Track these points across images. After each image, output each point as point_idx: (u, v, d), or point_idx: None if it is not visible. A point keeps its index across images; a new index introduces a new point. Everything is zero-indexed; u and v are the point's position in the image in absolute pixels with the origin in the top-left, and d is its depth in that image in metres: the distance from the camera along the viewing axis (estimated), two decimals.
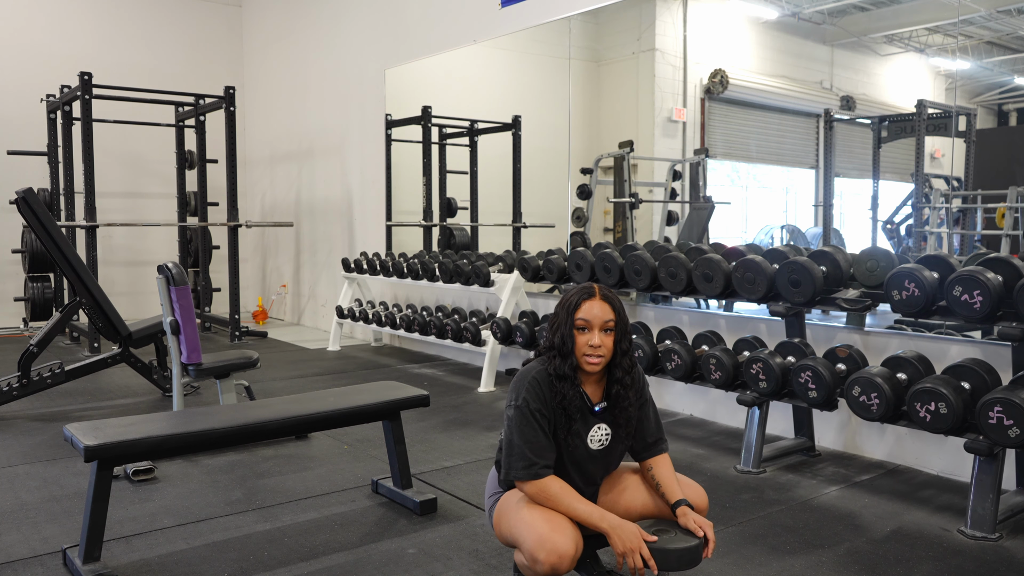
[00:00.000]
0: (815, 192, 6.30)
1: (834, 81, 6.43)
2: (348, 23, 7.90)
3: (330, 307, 7.80)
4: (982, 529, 2.87)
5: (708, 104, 6.52)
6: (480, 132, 7.33)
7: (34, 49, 8.36)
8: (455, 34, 6.60)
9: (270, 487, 3.40)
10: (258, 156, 9.70)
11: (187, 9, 9.42)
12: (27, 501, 3.21)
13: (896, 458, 3.75)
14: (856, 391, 3.20)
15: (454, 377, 5.84)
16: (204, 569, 2.60)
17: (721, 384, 3.80)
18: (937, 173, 5.46)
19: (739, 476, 3.55)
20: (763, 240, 6.48)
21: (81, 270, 4.70)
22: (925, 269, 3.10)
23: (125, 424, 2.73)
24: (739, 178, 7.24)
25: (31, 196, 4.51)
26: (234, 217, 7.58)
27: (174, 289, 3.74)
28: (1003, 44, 5.48)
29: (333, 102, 8.21)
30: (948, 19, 5.46)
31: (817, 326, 4.07)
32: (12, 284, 8.11)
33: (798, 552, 2.75)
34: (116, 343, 4.88)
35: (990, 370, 3.08)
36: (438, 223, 7.30)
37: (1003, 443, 2.82)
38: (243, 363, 4.08)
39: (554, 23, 5.75)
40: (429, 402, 3.24)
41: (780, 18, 6.69)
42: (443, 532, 2.91)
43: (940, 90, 5.85)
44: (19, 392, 4.55)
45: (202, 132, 7.84)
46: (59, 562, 2.63)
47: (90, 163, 6.75)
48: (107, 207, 7.93)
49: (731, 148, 6.97)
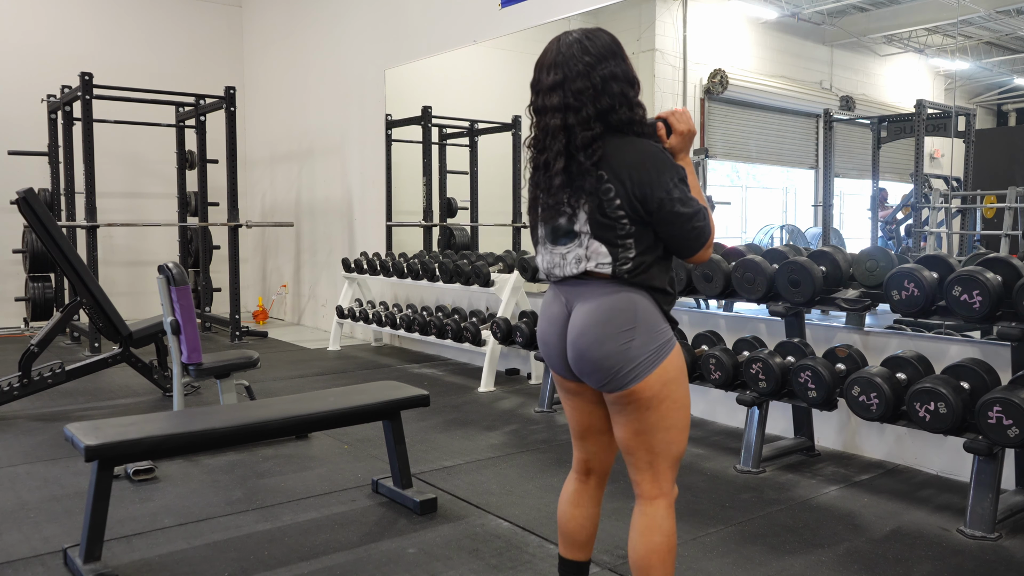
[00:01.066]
0: (815, 192, 6.30)
1: (834, 81, 6.44)
2: (348, 23, 7.90)
3: (330, 307, 7.81)
4: (981, 529, 2.88)
5: (708, 104, 6.52)
6: (480, 132, 7.34)
7: (35, 49, 8.36)
8: (455, 34, 6.60)
9: (270, 487, 3.40)
10: (258, 156, 9.70)
11: (187, 9, 9.42)
12: (28, 501, 3.22)
13: (896, 458, 3.75)
14: (856, 391, 3.20)
15: (454, 377, 5.85)
16: (204, 569, 2.60)
17: (721, 384, 3.80)
18: (937, 173, 5.47)
19: (739, 476, 3.55)
20: (763, 240, 6.49)
21: (82, 270, 4.70)
22: (924, 269, 3.10)
23: (125, 424, 2.73)
24: (739, 178, 7.24)
25: (32, 196, 4.51)
26: (234, 217, 7.58)
27: (174, 289, 3.74)
28: (1002, 44, 5.49)
29: (333, 102, 8.21)
30: (947, 19, 5.47)
31: (817, 326, 4.07)
32: (13, 284, 8.11)
33: (798, 552, 2.75)
34: (117, 343, 4.89)
35: (989, 370, 3.09)
36: (438, 223, 7.31)
37: (1002, 443, 2.82)
38: (243, 363, 4.08)
39: (554, 23, 5.75)
40: (429, 402, 3.25)
41: (780, 18, 6.70)
42: (443, 532, 2.91)
43: (939, 90, 5.86)
44: (20, 392, 4.56)
45: (202, 132, 7.85)
46: (60, 562, 2.64)
47: (91, 163, 6.75)
48: (107, 207, 7.93)
49: (731, 148, 6.97)
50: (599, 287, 1.81)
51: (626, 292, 1.80)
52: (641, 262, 1.78)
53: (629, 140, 1.79)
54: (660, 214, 1.75)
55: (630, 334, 1.77)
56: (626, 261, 1.77)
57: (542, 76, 1.82)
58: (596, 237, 1.78)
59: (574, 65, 1.76)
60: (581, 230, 1.80)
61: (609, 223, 1.77)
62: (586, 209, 1.78)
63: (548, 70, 1.80)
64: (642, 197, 1.74)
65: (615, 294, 1.80)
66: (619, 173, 1.75)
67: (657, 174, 1.75)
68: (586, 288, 1.83)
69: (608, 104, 1.77)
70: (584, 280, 1.84)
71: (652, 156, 1.77)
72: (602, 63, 1.77)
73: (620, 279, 1.79)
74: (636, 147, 1.78)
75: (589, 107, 1.75)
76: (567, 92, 1.76)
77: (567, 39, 1.81)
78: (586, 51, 1.77)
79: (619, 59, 1.80)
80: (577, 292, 1.85)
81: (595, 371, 1.81)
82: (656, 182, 1.74)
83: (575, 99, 1.75)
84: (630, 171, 1.75)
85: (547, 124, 1.79)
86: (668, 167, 1.77)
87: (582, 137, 1.75)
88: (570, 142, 1.77)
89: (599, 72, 1.76)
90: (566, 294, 1.88)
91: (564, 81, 1.77)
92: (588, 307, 1.82)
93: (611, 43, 1.80)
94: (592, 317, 1.80)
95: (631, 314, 1.78)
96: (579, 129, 1.75)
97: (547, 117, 1.79)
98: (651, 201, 1.75)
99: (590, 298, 1.82)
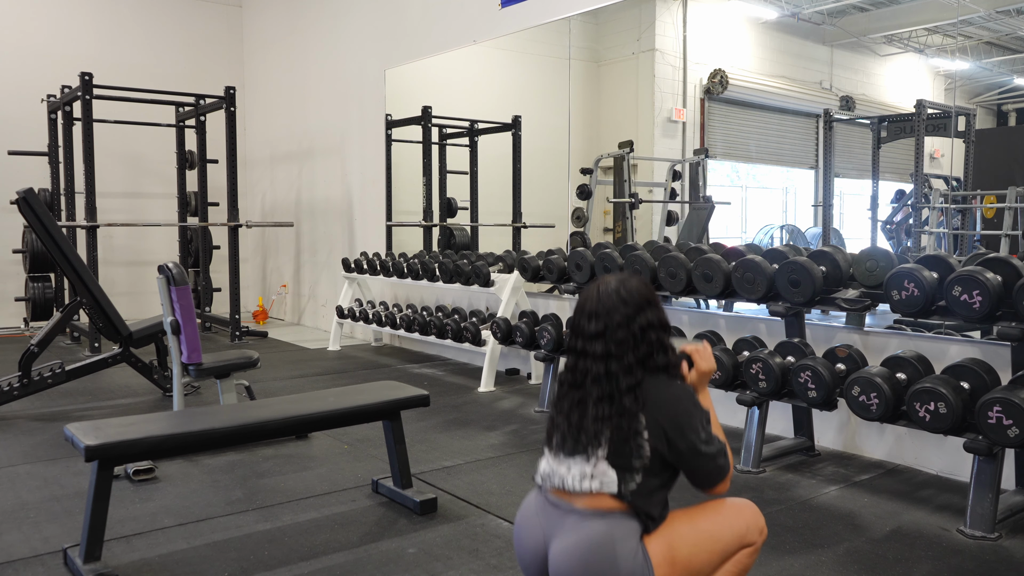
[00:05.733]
0: (814, 192, 6.31)
1: (834, 81, 6.44)
2: (348, 23, 7.91)
3: (330, 307, 7.81)
4: (981, 528, 2.88)
5: (708, 104, 6.53)
6: (480, 132, 7.34)
7: (35, 49, 8.36)
8: (455, 34, 6.61)
9: (270, 487, 3.41)
10: (258, 156, 9.70)
11: (187, 9, 9.42)
12: (28, 501, 3.22)
13: (895, 458, 3.75)
14: (856, 391, 3.20)
15: (454, 377, 5.85)
16: (204, 568, 2.60)
17: (721, 384, 3.80)
18: (937, 173, 5.47)
19: (739, 476, 3.55)
20: (763, 240, 6.49)
21: (82, 270, 4.70)
22: (924, 269, 3.10)
23: (125, 424, 2.73)
24: (739, 178, 7.25)
25: (32, 196, 4.51)
26: (234, 217, 7.58)
27: (174, 289, 3.75)
28: (1002, 44, 5.50)
29: (333, 102, 8.22)
30: (947, 20, 5.48)
31: (817, 326, 4.07)
32: (13, 284, 8.11)
33: (797, 552, 2.75)
34: (117, 343, 4.89)
35: (989, 370, 3.08)
36: (438, 223, 7.31)
37: (1002, 443, 2.82)
38: (243, 363, 4.08)
39: (554, 23, 5.75)
40: (429, 402, 3.25)
41: (780, 18, 6.70)
42: (443, 532, 2.91)
43: (939, 90, 5.87)
44: (20, 392, 4.56)
45: (202, 132, 7.85)
46: (60, 561, 2.64)
47: (91, 163, 6.75)
48: (107, 207, 7.94)
49: (731, 148, 6.98)
50: (583, 520, 1.83)
51: (610, 527, 1.82)
52: (647, 485, 1.85)
53: (663, 381, 1.89)
54: (687, 455, 1.85)
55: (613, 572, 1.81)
56: (632, 483, 1.83)
57: (583, 323, 1.91)
58: (609, 461, 1.84)
59: (613, 314, 1.87)
60: (595, 452, 1.85)
61: (628, 452, 1.83)
62: (607, 437, 1.84)
63: (590, 318, 1.90)
64: (672, 437, 1.83)
65: (596, 532, 1.81)
66: (654, 412, 1.84)
67: (688, 418, 1.85)
68: (569, 520, 1.86)
69: (647, 351, 1.88)
70: (572, 505, 1.86)
71: (685, 400, 1.88)
72: (640, 313, 1.88)
73: (623, 499, 1.83)
74: (671, 390, 1.88)
75: (630, 355, 1.86)
76: (609, 341, 1.86)
77: (606, 289, 1.91)
78: (624, 301, 1.89)
79: (653, 307, 1.92)
80: (559, 523, 1.87)
81: None
82: (688, 425, 1.84)
83: (616, 348, 1.86)
84: (664, 410, 1.84)
85: (588, 368, 1.89)
86: (698, 410, 1.89)
87: (627, 383, 1.84)
88: (613, 388, 1.85)
89: (638, 322, 1.88)
90: (547, 520, 1.90)
91: (606, 331, 1.87)
92: (567, 544, 1.83)
93: (646, 291, 1.92)
94: (571, 559, 1.82)
95: (610, 555, 1.81)
96: (623, 376, 1.85)
97: (588, 362, 1.89)
98: (681, 441, 1.84)
99: (570, 532, 1.84)
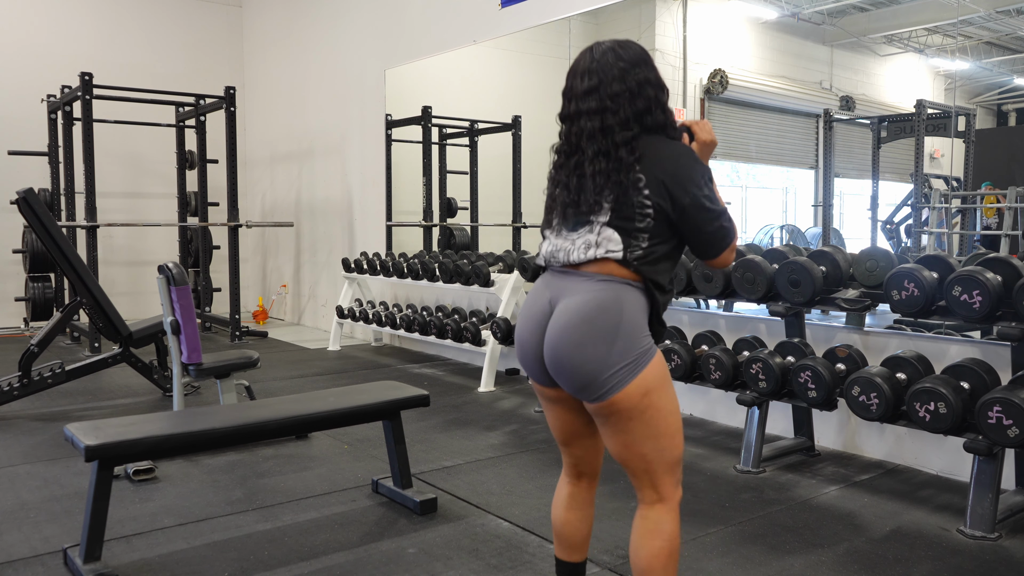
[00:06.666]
0: (815, 192, 6.30)
1: (834, 81, 6.44)
2: (348, 23, 7.90)
3: (330, 307, 7.81)
4: (981, 528, 2.88)
5: (708, 104, 6.52)
6: (480, 132, 7.34)
7: (34, 49, 8.36)
8: (455, 34, 6.60)
9: (270, 487, 3.41)
10: (258, 156, 9.70)
11: (187, 9, 9.42)
12: (28, 501, 3.22)
13: (895, 458, 3.75)
14: (856, 391, 3.20)
15: (454, 377, 5.85)
16: (204, 569, 2.60)
17: (721, 384, 3.80)
18: (937, 173, 5.47)
19: (739, 476, 3.56)
20: (763, 240, 6.49)
21: (81, 270, 4.70)
22: (924, 269, 3.10)
23: (125, 424, 2.73)
24: (739, 178, 7.24)
25: (32, 196, 4.51)
26: (234, 217, 7.58)
27: (174, 289, 3.74)
28: (1002, 44, 5.49)
29: (333, 102, 8.21)
30: (947, 19, 5.47)
31: (817, 326, 4.07)
32: (13, 284, 8.11)
33: (797, 552, 2.75)
34: (117, 343, 4.89)
35: (989, 370, 3.09)
36: (438, 223, 7.31)
37: (1002, 443, 2.82)
38: (243, 363, 4.08)
39: (554, 23, 5.75)
40: (429, 402, 3.25)
41: (780, 18, 6.70)
42: (443, 532, 2.91)
43: (939, 90, 5.86)
44: (20, 392, 4.56)
45: (202, 132, 7.85)
46: (60, 561, 2.64)
47: (91, 163, 6.75)
48: (107, 207, 7.94)
49: (731, 148, 6.98)
50: (591, 281, 1.80)
51: (617, 290, 1.78)
52: (652, 251, 1.80)
53: (662, 139, 1.84)
54: (690, 210, 1.79)
55: (611, 337, 1.75)
56: (637, 249, 1.79)
57: (575, 83, 1.85)
58: (612, 225, 1.79)
59: (609, 70, 1.81)
60: (597, 219, 1.81)
61: (630, 214, 1.78)
62: (610, 200, 1.80)
63: (582, 76, 1.84)
64: (673, 191, 1.78)
65: (605, 291, 1.78)
66: (653, 168, 1.78)
67: (689, 171, 1.79)
68: (577, 282, 1.82)
69: (643, 107, 1.81)
70: (580, 272, 1.83)
71: (686, 154, 1.83)
72: (636, 68, 1.82)
73: (628, 266, 1.79)
74: (670, 146, 1.83)
75: (626, 108, 1.80)
76: (603, 96, 1.80)
77: (600, 48, 1.85)
78: (620, 58, 1.82)
79: (650, 66, 1.86)
80: (567, 285, 1.84)
81: (571, 375, 1.78)
82: (689, 178, 1.78)
83: (612, 102, 1.80)
84: (664, 166, 1.79)
85: (582, 127, 1.82)
86: (700, 166, 1.83)
87: (622, 136, 1.79)
88: (608, 142, 1.80)
89: (634, 77, 1.81)
90: (554, 287, 1.87)
91: (600, 85, 1.81)
92: (573, 302, 1.80)
93: (642, 51, 1.86)
94: (575, 315, 1.78)
95: (616, 316, 1.76)
96: (618, 129, 1.79)
97: (582, 121, 1.83)
98: (683, 196, 1.78)
99: (578, 292, 1.80)
